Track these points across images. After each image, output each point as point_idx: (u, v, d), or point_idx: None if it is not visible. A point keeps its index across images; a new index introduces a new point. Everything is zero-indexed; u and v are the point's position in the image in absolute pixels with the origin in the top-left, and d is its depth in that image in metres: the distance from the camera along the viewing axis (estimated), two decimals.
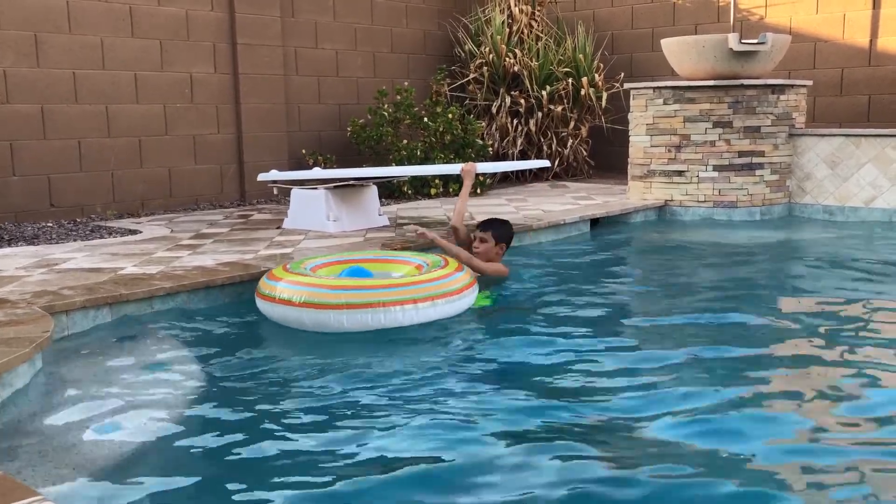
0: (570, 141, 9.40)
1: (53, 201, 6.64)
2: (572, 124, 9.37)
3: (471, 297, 4.13)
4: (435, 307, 3.86)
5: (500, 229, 4.89)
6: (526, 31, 9.75)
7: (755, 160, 7.25)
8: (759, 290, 4.79)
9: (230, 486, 2.38)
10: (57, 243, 5.52)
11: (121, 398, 3.03)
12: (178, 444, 2.66)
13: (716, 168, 7.24)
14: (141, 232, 5.99)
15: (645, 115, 7.50)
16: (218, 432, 2.74)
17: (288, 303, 3.77)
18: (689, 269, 5.39)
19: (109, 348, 3.61)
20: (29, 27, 6.40)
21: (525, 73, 9.26)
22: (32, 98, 6.46)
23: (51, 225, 6.34)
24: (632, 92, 7.65)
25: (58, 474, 2.42)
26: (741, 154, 7.22)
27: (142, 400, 3.02)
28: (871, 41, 8.29)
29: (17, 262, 4.78)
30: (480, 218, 6.49)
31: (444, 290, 3.90)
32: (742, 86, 7.11)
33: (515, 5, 9.63)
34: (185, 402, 3.01)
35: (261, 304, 3.96)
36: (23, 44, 6.38)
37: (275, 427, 2.78)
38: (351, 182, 6.04)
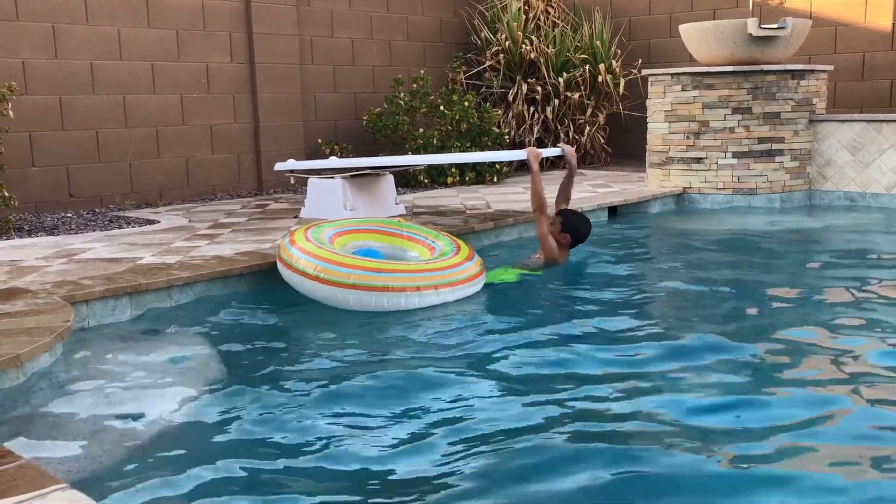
0: (588, 128, 9.35)
1: (72, 192, 6.68)
2: (589, 111, 9.31)
3: (476, 286, 4.28)
4: (438, 295, 4.05)
5: (570, 219, 4.84)
6: (542, 18, 9.69)
7: (775, 147, 7.18)
8: (779, 278, 4.75)
9: (249, 473, 2.39)
10: (76, 233, 5.55)
11: (140, 387, 3.05)
12: (197, 432, 2.68)
13: (735, 155, 7.18)
14: (159, 222, 6.02)
15: (663, 101, 7.44)
16: (237, 421, 2.75)
17: (302, 273, 4.01)
18: (707, 257, 5.35)
19: (129, 338, 3.64)
20: (47, 19, 6.43)
21: (541, 60, 9.20)
22: (51, 89, 6.50)
23: (70, 215, 6.38)
24: (650, 78, 7.58)
25: (79, 462, 2.43)
26: (761, 140, 7.15)
27: (161, 389, 3.03)
28: (893, 24, 8.16)
29: (37, 253, 4.81)
30: (497, 206, 6.49)
31: (449, 280, 4.09)
32: (762, 71, 7.03)
33: None
34: (203, 391, 3.02)
35: (279, 267, 4.21)
36: (41, 35, 6.41)
37: (294, 415, 2.78)
38: (367, 171, 6.04)
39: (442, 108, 8.21)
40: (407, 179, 7.97)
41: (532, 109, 9.25)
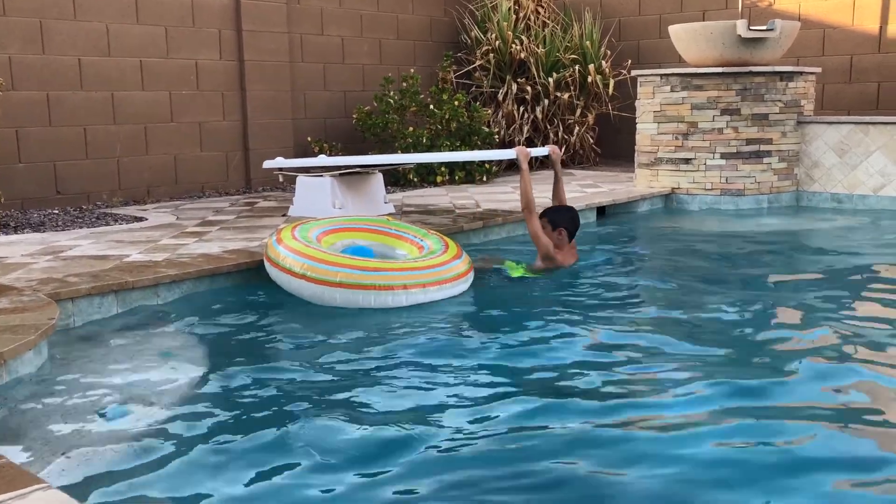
0: (577, 128, 9.36)
1: (59, 188, 6.64)
2: (579, 112, 9.32)
3: (464, 285, 4.28)
4: (426, 293, 4.05)
5: (552, 214, 4.85)
6: (532, 18, 9.70)
7: (763, 148, 7.21)
8: (766, 279, 4.77)
9: (235, 472, 2.38)
10: (63, 230, 5.52)
11: (126, 386, 3.03)
12: (182, 431, 2.66)
13: (723, 156, 7.20)
14: (146, 219, 5.99)
15: (652, 102, 7.46)
16: (222, 420, 2.74)
17: (289, 272, 4.03)
18: (694, 258, 5.37)
19: (115, 336, 3.62)
20: (34, 14, 6.38)
21: (531, 60, 9.21)
22: (38, 85, 6.45)
23: (57, 212, 6.35)
24: (639, 79, 7.60)
25: (62, 461, 2.42)
26: (749, 142, 7.18)
27: (146, 387, 3.02)
28: (881, 28, 8.21)
29: (22, 249, 4.78)
30: (486, 205, 6.49)
31: (437, 279, 4.10)
32: (750, 73, 7.06)
33: None
34: (189, 390, 3.01)
35: (266, 265, 4.22)
36: (28, 30, 6.37)
37: (279, 414, 2.78)
38: (356, 170, 6.03)
39: (432, 106, 8.21)
40: (396, 178, 7.96)
41: (522, 109, 9.25)
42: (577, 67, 9.20)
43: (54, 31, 6.51)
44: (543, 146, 5.74)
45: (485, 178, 8.22)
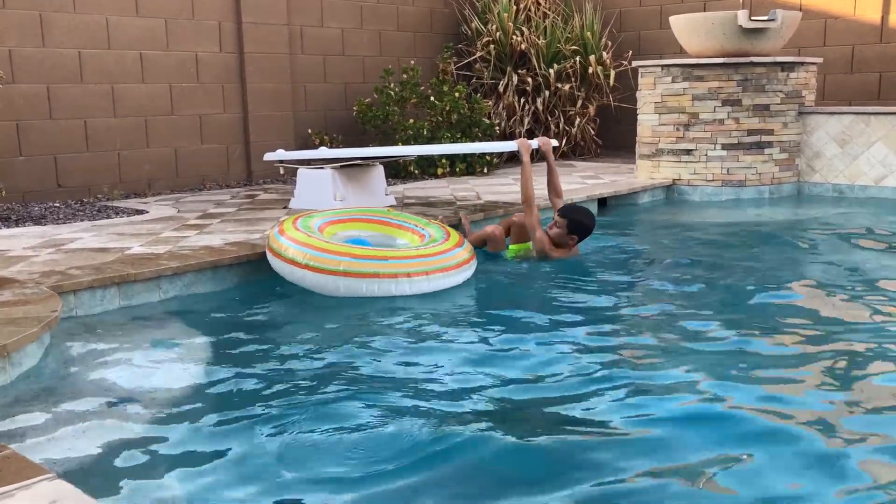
0: (578, 120, 9.35)
1: (60, 181, 6.64)
2: (580, 103, 9.31)
3: (468, 272, 4.30)
4: (429, 281, 4.06)
5: (574, 220, 4.73)
6: (533, 9, 9.67)
7: (764, 139, 7.20)
8: (767, 270, 4.77)
9: (237, 463, 2.38)
10: (64, 223, 5.52)
11: (128, 378, 3.04)
12: (184, 423, 2.67)
13: (724, 147, 7.19)
14: (147, 212, 5.99)
15: (653, 93, 7.44)
16: (225, 411, 2.75)
17: (292, 262, 4.03)
18: (694, 249, 5.37)
19: (117, 328, 3.62)
20: (34, 6, 6.37)
21: (532, 51, 9.19)
22: (38, 78, 6.44)
23: (58, 205, 6.35)
24: (640, 70, 7.59)
25: (66, 453, 2.43)
26: (750, 132, 7.17)
27: (149, 379, 3.03)
28: (882, 18, 8.19)
29: (24, 242, 4.79)
30: (487, 197, 6.49)
31: (440, 266, 4.11)
32: (751, 63, 7.05)
33: None
34: (192, 382, 3.02)
35: (269, 256, 4.22)
36: (28, 23, 6.35)
37: (285, 404, 2.78)
38: (357, 162, 6.02)
39: (432, 98, 8.20)
40: (397, 170, 7.96)
41: (522, 100, 9.24)
42: (577, 58, 9.18)
43: (54, 23, 6.49)
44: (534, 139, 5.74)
45: (486, 170, 8.21)
